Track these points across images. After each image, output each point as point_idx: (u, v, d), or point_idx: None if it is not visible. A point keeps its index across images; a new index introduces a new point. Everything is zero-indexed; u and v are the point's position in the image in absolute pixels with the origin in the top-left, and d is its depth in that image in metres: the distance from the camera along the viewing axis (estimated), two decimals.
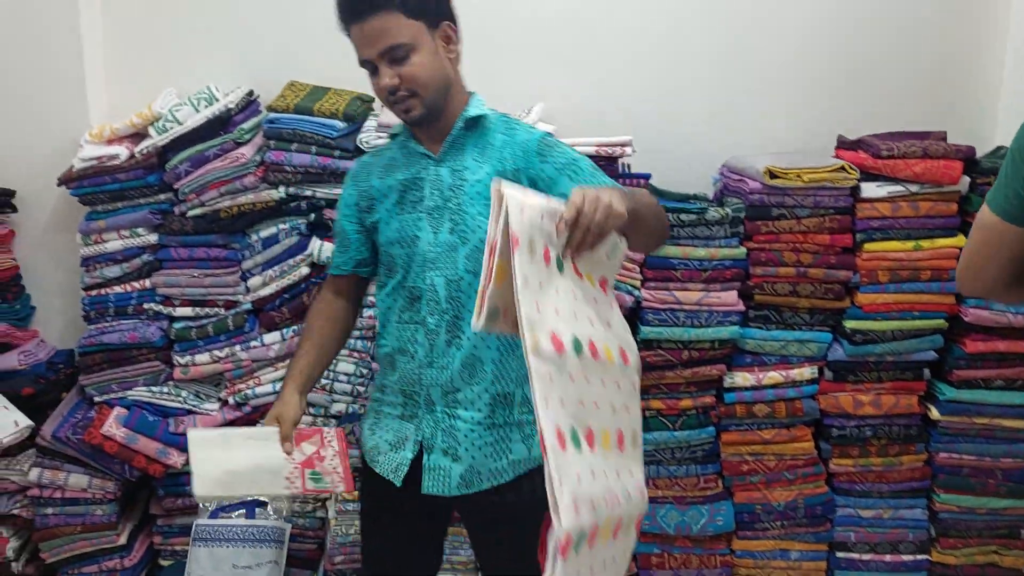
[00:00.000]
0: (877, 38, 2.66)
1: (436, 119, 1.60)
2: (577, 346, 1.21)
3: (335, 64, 2.61)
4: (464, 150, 1.63)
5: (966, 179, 2.37)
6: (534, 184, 1.57)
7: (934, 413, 2.45)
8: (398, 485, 1.64)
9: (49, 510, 2.52)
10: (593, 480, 1.18)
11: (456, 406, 1.61)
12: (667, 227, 1.63)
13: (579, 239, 1.24)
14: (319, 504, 2.65)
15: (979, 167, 2.37)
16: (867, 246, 2.39)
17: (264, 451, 1.65)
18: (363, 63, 1.56)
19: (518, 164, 1.60)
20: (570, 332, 1.21)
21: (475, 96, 1.67)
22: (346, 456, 1.74)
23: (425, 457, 1.63)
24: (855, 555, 2.53)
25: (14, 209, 2.62)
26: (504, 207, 1.17)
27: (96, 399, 2.56)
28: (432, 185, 1.63)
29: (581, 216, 1.22)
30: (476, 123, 1.64)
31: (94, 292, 2.56)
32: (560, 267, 1.25)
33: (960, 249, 2.38)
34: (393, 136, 1.76)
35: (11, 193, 2.61)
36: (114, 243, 2.52)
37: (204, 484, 1.62)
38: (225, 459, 1.64)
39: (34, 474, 2.48)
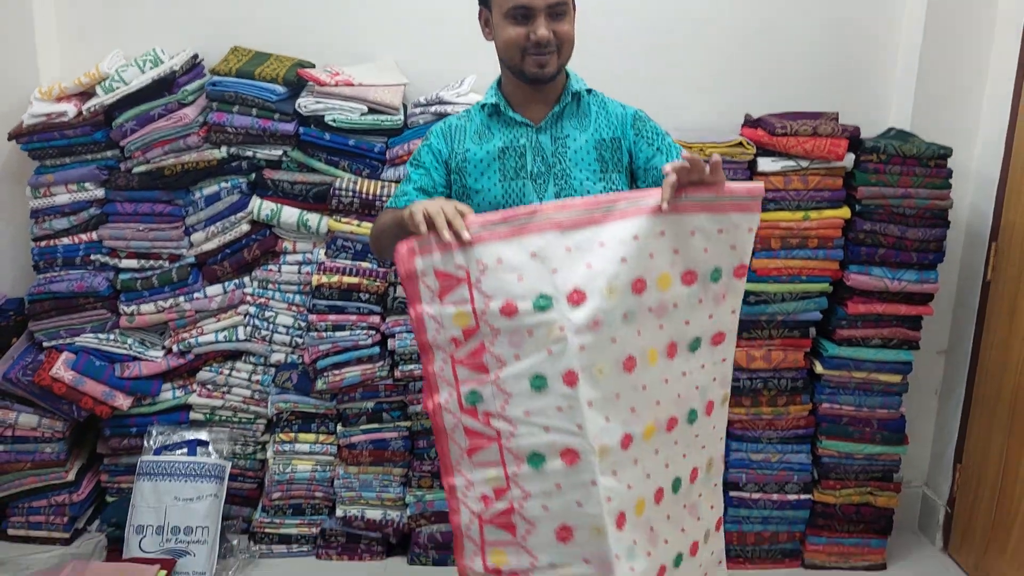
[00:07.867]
0: (788, 29, 2.86)
1: (554, 80, 1.77)
2: None
3: (277, 31, 2.81)
4: (562, 119, 1.81)
5: (851, 156, 2.60)
6: (630, 155, 1.81)
7: (818, 368, 2.71)
8: None
9: (0, 447, 2.67)
10: None
11: None
12: None
13: (685, 178, 1.51)
14: (259, 446, 2.84)
15: (864, 146, 2.59)
16: (761, 215, 2.60)
17: None
18: (518, 8, 1.68)
19: (615, 133, 1.81)
20: None
21: (572, 72, 1.85)
22: None
23: None
24: (746, 494, 2.78)
25: None
26: None
27: (45, 344, 2.71)
28: (534, 152, 1.78)
29: (693, 166, 1.51)
30: (577, 96, 1.83)
31: (43, 243, 2.69)
32: None
33: (845, 220, 2.63)
34: (482, 107, 1.85)
35: None
36: (62, 196, 2.65)
37: None
38: None
39: None
